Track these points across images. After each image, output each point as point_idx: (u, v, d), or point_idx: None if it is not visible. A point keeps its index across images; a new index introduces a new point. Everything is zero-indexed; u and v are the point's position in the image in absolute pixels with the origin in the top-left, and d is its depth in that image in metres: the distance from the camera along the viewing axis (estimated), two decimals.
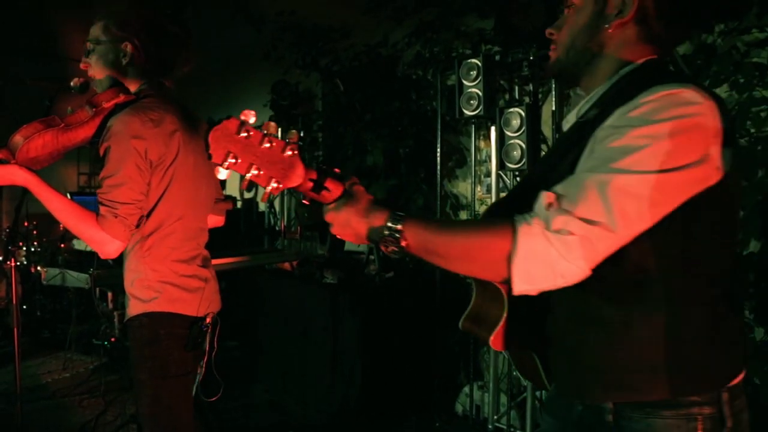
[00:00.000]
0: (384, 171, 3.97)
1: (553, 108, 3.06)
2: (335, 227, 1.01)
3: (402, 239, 0.95)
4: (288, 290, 3.75)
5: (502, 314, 1.06)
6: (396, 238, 0.95)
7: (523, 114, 2.98)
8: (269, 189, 0.92)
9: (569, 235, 0.86)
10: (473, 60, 3.12)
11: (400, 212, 0.97)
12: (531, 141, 2.97)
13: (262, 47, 4.65)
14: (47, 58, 5.93)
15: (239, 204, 5.44)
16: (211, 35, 5.02)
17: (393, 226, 0.95)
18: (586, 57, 1.07)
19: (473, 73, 3.11)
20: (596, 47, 1.06)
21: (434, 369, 3.46)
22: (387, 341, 3.33)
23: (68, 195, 2.66)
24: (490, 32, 3.49)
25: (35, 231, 5.20)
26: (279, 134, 0.92)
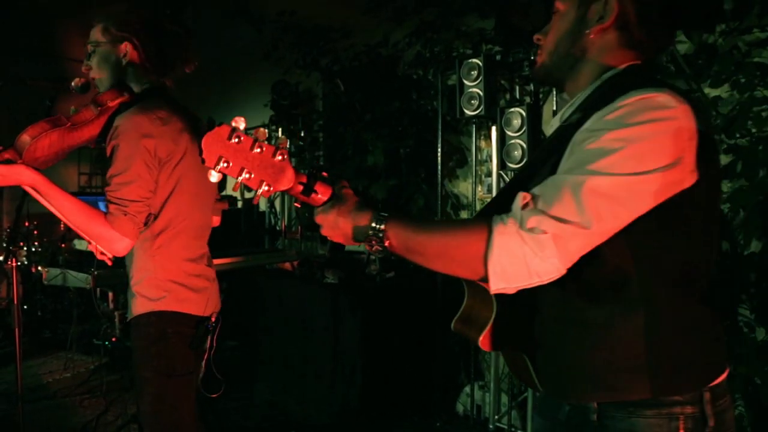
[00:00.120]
0: (384, 171, 3.96)
1: (554, 108, 3.06)
2: (325, 228, 1.05)
3: (385, 239, 0.99)
4: (288, 290, 3.75)
5: (491, 315, 1.09)
6: (380, 238, 0.99)
7: (524, 114, 2.98)
8: (260, 192, 0.96)
9: (542, 234, 0.88)
10: (474, 60, 3.13)
11: (384, 213, 1.00)
12: (532, 141, 2.97)
13: (263, 47, 4.65)
14: (47, 58, 5.93)
15: (239, 204, 5.44)
16: (211, 35, 5.02)
17: (376, 226, 0.99)
18: (569, 62, 1.10)
19: (474, 73, 3.12)
20: (579, 52, 1.08)
21: (435, 369, 3.46)
22: (388, 341, 3.33)
23: None
24: (491, 32, 3.48)
25: (36, 231, 5.20)
26: (280, 136, 0.94)
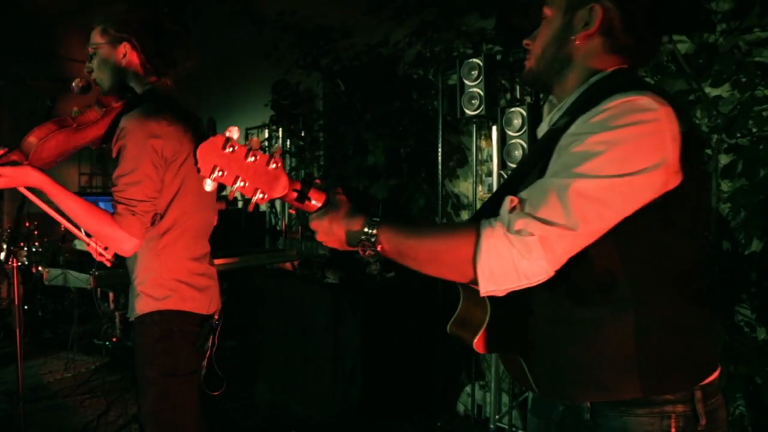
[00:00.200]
0: (385, 171, 3.96)
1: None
2: (319, 234, 1.08)
3: (377, 243, 1.02)
4: (289, 290, 3.75)
5: (485, 318, 1.10)
6: (372, 243, 1.02)
7: (525, 113, 2.98)
8: (255, 199, 0.99)
9: (529, 236, 0.89)
10: (474, 59, 3.12)
11: (376, 218, 1.02)
12: (532, 140, 2.96)
13: (263, 47, 4.64)
14: (47, 58, 5.93)
15: (240, 204, 5.44)
16: (212, 35, 5.02)
17: (369, 231, 1.02)
18: (556, 67, 1.11)
19: (474, 73, 3.11)
20: (565, 57, 1.10)
21: (435, 368, 3.46)
22: (388, 341, 3.33)
23: None
24: (491, 32, 3.48)
25: (36, 231, 5.20)
26: (274, 145, 0.96)
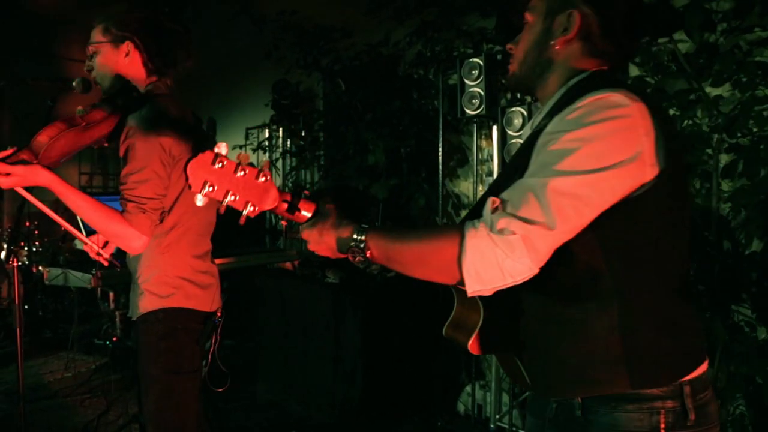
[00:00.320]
0: (385, 170, 3.96)
1: None
2: (311, 244, 1.10)
3: (366, 249, 1.04)
4: (289, 290, 3.75)
5: (479, 320, 1.12)
6: (361, 249, 1.04)
7: (525, 113, 2.97)
8: (246, 212, 1.01)
9: (511, 235, 0.91)
10: (475, 59, 3.12)
11: (365, 225, 1.04)
12: None
13: (264, 47, 4.64)
14: (47, 58, 5.93)
15: None
16: (212, 35, 5.03)
17: (357, 238, 1.04)
18: (537, 71, 1.14)
19: (475, 73, 3.11)
20: (546, 61, 1.13)
21: (436, 368, 3.46)
22: (388, 341, 3.33)
23: None
24: (492, 31, 3.48)
25: (36, 231, 5.20)
26: (262, 159, 0.99)
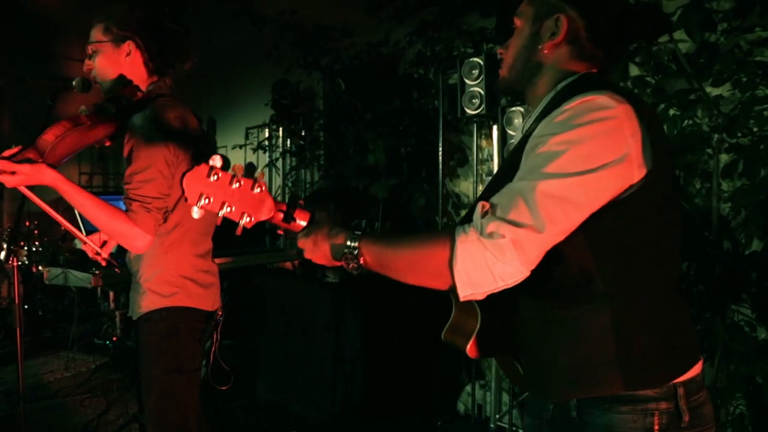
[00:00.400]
0: (385, 170, 3.96)
1: None
2: (307, 252, 1.12)
3: (359, 256, 1.04)
4: (289, 289, 3.75)
5: (477, 324, 1.13)
6: (354, 255, 1.04)
7: (525, 113, 2.97)
8: (243, 223, 1.03)
9: (501, 239, 0.92)
10: (475, 59, 3.12)
11: (358, 231, 1.06)
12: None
13: (263, 46, 4.64)
14: (47, 58, 5.92)
15: None
16: (212, 35, 5.02)
17: (351, 245, 1.05)
18: (527, 75, 1.15)
19: (475, 72, 3.11)
20: (535, 66, 1.13)
21: (436, 368, 3.46)
22: (389, 340, 3.33)
23: None
24: (492, 31, 3.47)
25: (36, 231, 5.19)
26: (257, 171, 1.03)
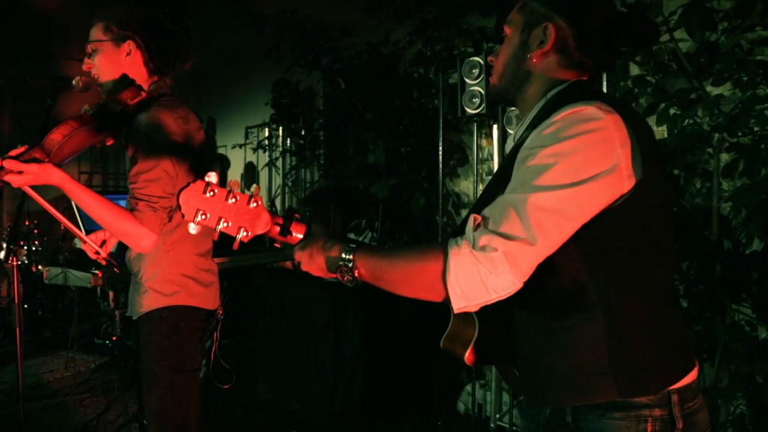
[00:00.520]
0: (386, 169, 3.95)
1: None
2: (303, 264, 1.12)
3: (354, 268, 1.05)
4: (289, 289, 3.74)
5: (474, 333, 1.14)
6: (349, 268, 1.05)
7: None
8: (240, 237, 1.03)
9: (493, 252, 0.92)
10: (475, 58, 3.12)
11: (353, 244, 1.06)
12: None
13: (263, 46, 4.64)
14: (47, 58, 5.92)
15: None
16: (212, 34, 5.02)
17: (345, 257, 1.05)
18: (516, 83, 1.15)
19: (475, 72, 3.11)
20: (524, 74, 1.13)
21: (436, 368, 3.46)
22: (389, 340, 3.33)
23: None
24: (492, 30, 3.48)
25: (36, 230, 5.19)
26: (253, 186, 1.04)
